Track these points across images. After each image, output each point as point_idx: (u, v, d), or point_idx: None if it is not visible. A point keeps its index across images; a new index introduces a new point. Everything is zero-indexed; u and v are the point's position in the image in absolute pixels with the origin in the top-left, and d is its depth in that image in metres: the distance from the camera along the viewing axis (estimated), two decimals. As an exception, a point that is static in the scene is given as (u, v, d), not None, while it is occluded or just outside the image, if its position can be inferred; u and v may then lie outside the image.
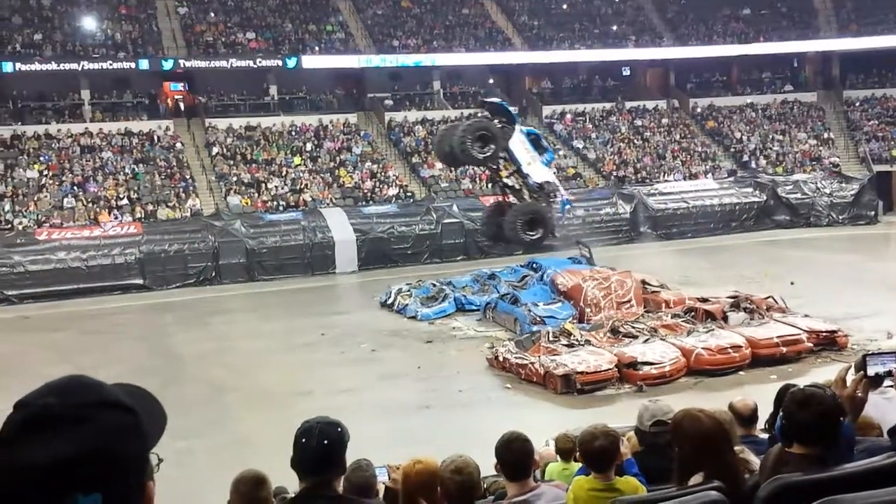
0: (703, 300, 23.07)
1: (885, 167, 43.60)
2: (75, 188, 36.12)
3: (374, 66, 44.83)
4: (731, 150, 45.68)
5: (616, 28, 50.94)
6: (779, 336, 20.10)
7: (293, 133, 42.26)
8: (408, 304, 27.01)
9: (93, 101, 41.94)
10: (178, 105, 44.14)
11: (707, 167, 43.60)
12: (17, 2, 42.77)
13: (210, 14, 45.73)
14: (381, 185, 38.98)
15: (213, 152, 39.75)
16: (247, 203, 36.59)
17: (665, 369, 18.98)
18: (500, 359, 20.48)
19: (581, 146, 44.51)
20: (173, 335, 25.81)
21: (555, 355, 19.49)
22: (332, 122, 43.37)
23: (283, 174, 38.98)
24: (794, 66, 52.96)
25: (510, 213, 28.42)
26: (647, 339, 20.38)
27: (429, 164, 40.52)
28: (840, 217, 40.44)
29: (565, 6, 51.87)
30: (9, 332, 26.65)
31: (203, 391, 19.80)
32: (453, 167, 34.60)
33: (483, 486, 6.40)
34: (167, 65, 41.68)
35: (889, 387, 4.66)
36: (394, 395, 18.82)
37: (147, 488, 1.48)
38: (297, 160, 40.07)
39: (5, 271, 30.90)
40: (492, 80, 49.13)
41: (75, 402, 1.41)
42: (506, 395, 18.89)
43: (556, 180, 29.96)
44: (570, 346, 20.12)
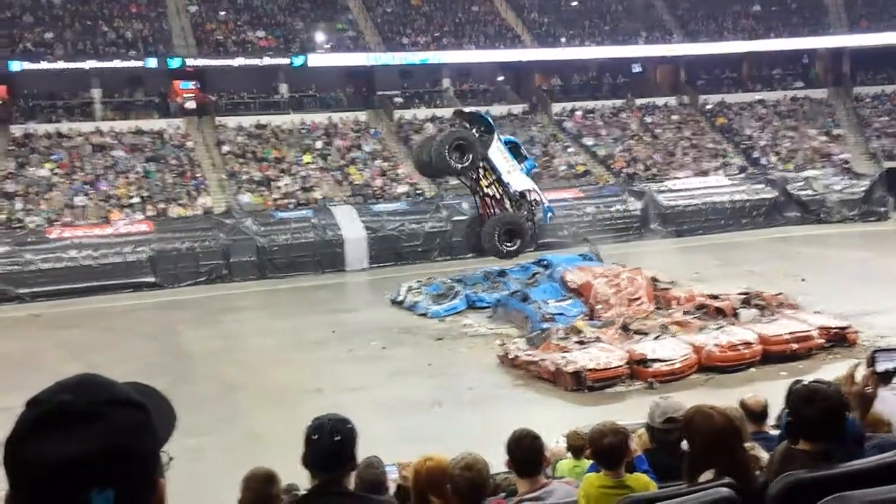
0: (714, 297, 23.03)
1: (895, 163, 43.40)
2: (86, 186, 36.24)
3: (382, 63, 44.83)
4: (742, 146, 45.49)
5: (626, 25, 50.76)
6: (790, 333, 20.05)
7: (303, 131, 42.30)
8: (418, 302, 27.04)
9: (104, 99, 42.09)
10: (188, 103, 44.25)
11: (717, 164, 43.44)
12: (29, 1, 42.93)
13: (220, 12, 45.82)
14: (390, 183, 39.00)
15: (224, 150, 39.85)
16: (257, 201, 36.66)
17: (676, 366, 18.95)
18: (511, 356, 20.49)
19: (591, 143, 44.39)
20: (184, 333, 25.90)
21: (565, 352, 19.50)
22: (341, 119, 43.41)
23: (294, 172, 39.04)
24: (804, 62, 52.69)
25: (487, 224, 28.10)
26: (657, 336, 20.36)
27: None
28: (851, 213, 40.24)
29: (575, 3, 51.67)
30: (21, 330, 26.77)
31: (214, 389, 19.88)
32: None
33: (494, 483, 6.42)
34: (173, 63, 41.71)
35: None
36: (404, 393, 18.84)
37: (159, 485, 1.49)
38: (307, 158, 40.13)
39: (17, 270, 31.02)
40: (501, 78, 49.15)
41: (88, 400, 1.42)
42: (516, 393, 18.90)
43: (538, 188, 29.75)
44: (580, 343, 20.15)
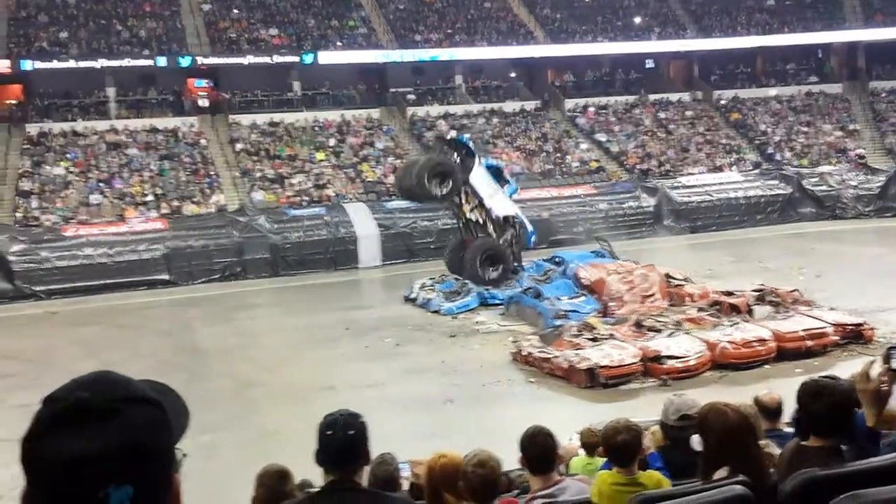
0: (728, 293, 22.91)
1: (912, 158, 43.16)
2: (101, 185, 36.43)
3: (394, 60, 44.79)
4: (756, 142, 45.30)
5: (639, 20, 50.63)
6: (804, 329, 19.92)
7: (316, 128, 42.39)
8: (431, 299, 27.04)
9: (118, 98, 42.29)
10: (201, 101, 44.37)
11: (731, 160, 43.29)
12: (44, 0, 43.17)
13: (233, 10, 45.96)
14: (403, 180, 39.02)
15: (237, 148, 39.97)
16: (271, 199, 36.75)
17: (690, 363, 18.87)
18: (524, 353, 20.45)
19: (604, 139, 44.32)
20: (199, 330, 26.00)
21: (578, 349, 19.44)
22: (354, 117, 43.46)
23: (307, 170, 39.12)
24: (819, 56, 52.41)
25: (469, 251, 27.81)
26: (671, 333, 20.26)
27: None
28: (866, 209, 39.93)
29: (587, -2, 51.68)
30: (37, 327, 26.95)
31: (228, 386, 19.94)
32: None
33: (507, 480, 6.42)
34: (184, 62, 41.81)
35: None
36: (417, 390, 18.84)
37: (175, 481, 1.50)
38: (320, 155, 40.20)
39: (33, 267, 31.20)
40: (514, 74, 49.09)
41: (105, 397, 1.43)
42: (529, 390, 18.87)
43: (520, 213, 29.56)
44: (593, 340, 20.08)
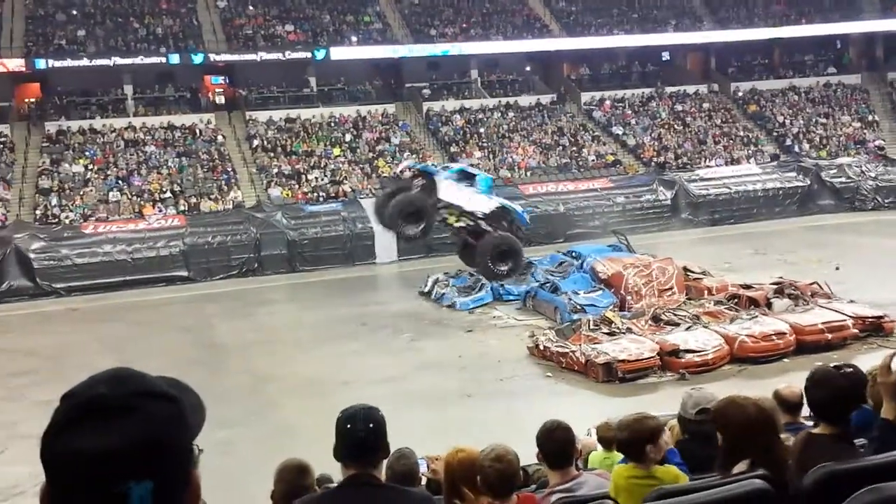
0: (747, 287, 22.81)
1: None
2: (120, 182, 36.64)
3: (408, 56, 44.70)
4: (774, 134, 45.03)
5: (655, 12, 50.38)
6: (824, 322, 19.82)
7: (332, 124, 42.43)
8: (445, 294, 27.07)
9: (136, 95, 42.49)
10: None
11: (749, 152, 43.05)
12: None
13: (249, 7, 46.05)
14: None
15: (254, 144, 40.09)
16: (287, 195, 36.84)
17: (708, 357, 18.83)
18: (541, 347, 20.44)
19: (620, 132, 44.17)
20: (217, 326, 26.14)
21: (596, 343, 19.42)
22: (370, 112, 43.47)
23: (323, 165, 39.18)
24: (837, 47, 52.01)
25: (478, 254, 27.10)
26: (689, 327, 20.20)
27: (467, 153, 40.50)
28: (885, 201, 39.61)
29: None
30: (58, 324, 27.17)
31: (245, 381, 20.04)
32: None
33: (525, 475, 6.42)
34: (197, 59, 41.83)
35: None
36: (434, 385, 18.88)
37: (193, 477, 1.50)
38: (336, 151, 40.26)
39: (53, 264, 31.44)
40: (529, 68, 48.95)
41: (123, 393, 1.44)
42: (547, 384, 18.87)
43: (503, 200, 28.96)
44: (611, 334, 20.03)
